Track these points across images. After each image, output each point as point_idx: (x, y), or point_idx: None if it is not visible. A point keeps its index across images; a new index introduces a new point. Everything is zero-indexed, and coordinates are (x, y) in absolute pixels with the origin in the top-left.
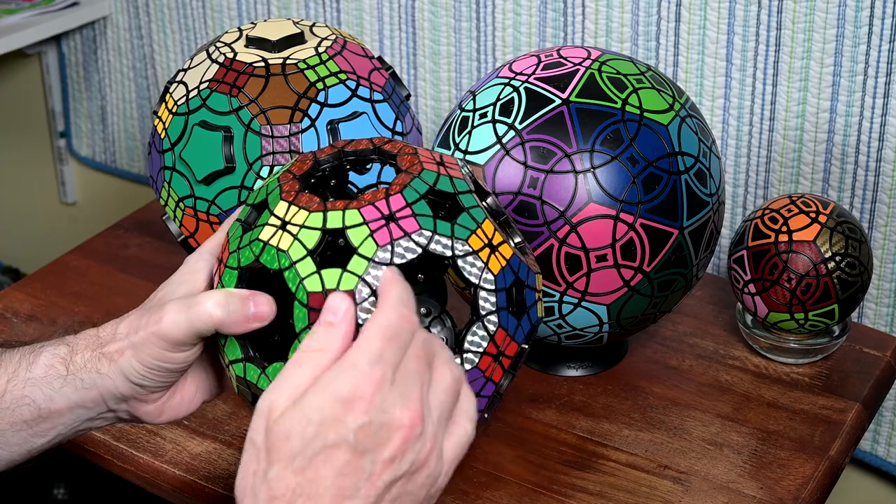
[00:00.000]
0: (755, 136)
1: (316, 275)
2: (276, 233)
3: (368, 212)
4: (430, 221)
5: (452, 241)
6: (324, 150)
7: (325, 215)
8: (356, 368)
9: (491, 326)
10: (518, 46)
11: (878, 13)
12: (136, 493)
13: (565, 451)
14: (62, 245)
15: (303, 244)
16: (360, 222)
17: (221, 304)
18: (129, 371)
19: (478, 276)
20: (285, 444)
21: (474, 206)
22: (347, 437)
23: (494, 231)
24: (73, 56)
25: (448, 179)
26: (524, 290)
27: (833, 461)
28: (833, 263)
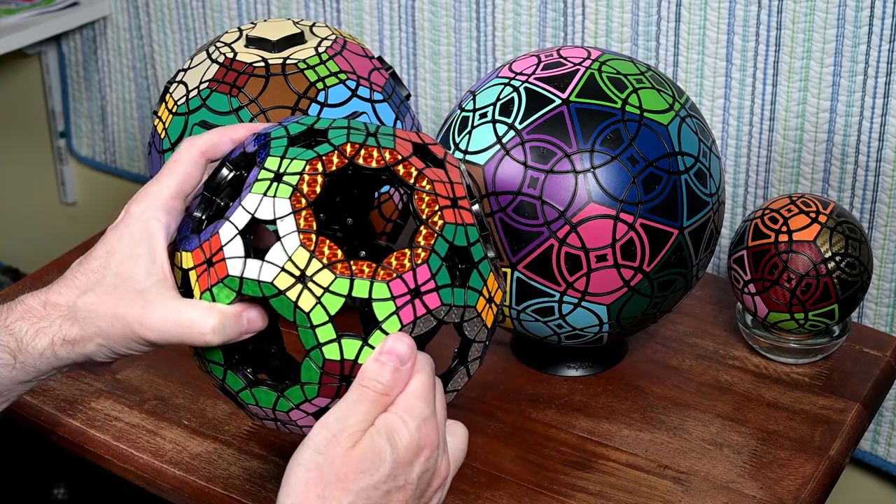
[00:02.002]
0: (755, 136)
1: (335, 343)
2: (294, 285)
3: (396, 286)
4: (449, 293)
5: (464, 310)
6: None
7: (353, 283)
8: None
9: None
10: (518, 46)
11: (878, 13)
12: (136, 493)
13: (565, 451)
14: (62, 245)
15: (326, 310)
16: (387, 297)
17: (219, 332)
18: (95, 354)
19: (474, 334)
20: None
21: (482, 258)
22: (412, 481)
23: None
24: (73, 56)
25: (463, 231)
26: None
27: (833, 461)
28: (833, 263)
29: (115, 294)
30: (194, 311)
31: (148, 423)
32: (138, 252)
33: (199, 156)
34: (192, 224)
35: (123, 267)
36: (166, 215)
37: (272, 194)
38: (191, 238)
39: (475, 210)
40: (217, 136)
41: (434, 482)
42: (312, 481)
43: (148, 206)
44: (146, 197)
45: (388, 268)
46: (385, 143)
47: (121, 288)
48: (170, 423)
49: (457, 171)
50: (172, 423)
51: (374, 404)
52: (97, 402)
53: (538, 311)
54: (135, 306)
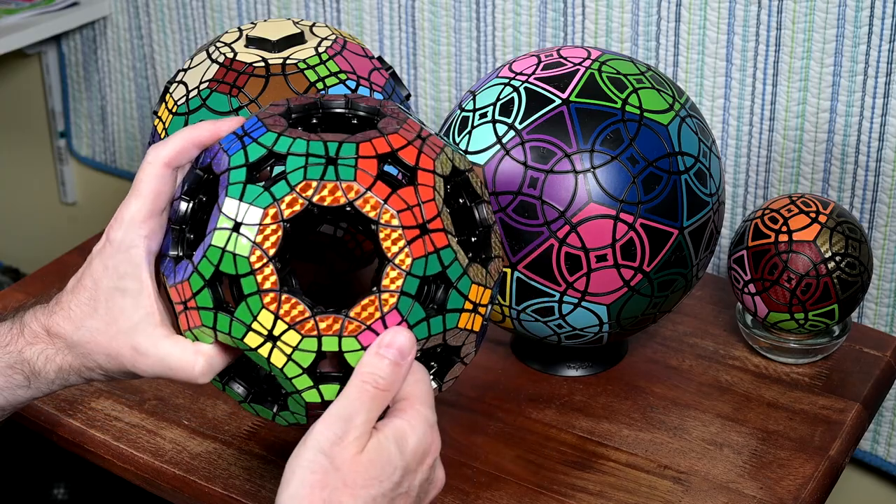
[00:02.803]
0: (755, 136)
1: (314, 389)
2: (264, 344)
3: (365, 338)
4: (425, 328)
5: (444, 335)
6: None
7: (320, 341)
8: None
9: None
10: (518, 46)
11: (878, 13)
12: (136, 493)
13: (565, 451)
14: (62, 245)
15: (298, 364)
16: (357, 348)
17: (207, 373)
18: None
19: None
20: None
21: (461, 274)
22: (415, 488)
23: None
24: (73, 56)
25: (435, 258)
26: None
27: (833, 461)
28: (833, 263)
29: (107, 332)
30: (182, 356)
31: (148, 423)
32: (125, 286)
33: (163, 169)
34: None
35: (112, 301)
36: (146, 239)
37: (232, 248)
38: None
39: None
40: (180, 142)
41: (431, 491)
42: (318, 485)
43: (126, 232)
44: (122, 223)
45: (356, 320)
46: (345, 173)
47: (112, 325)
48: (170, 423)
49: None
50: (172, 423)
51: (374, 401)
52: (97, 402)
53: (538, 311)
54: (126, 347)
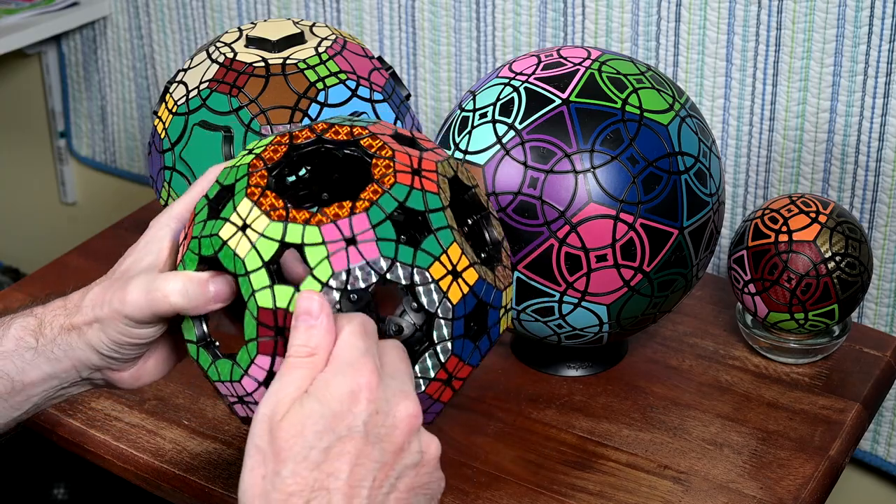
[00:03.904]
0: (755, 136)
1: (269, 290)
2: (235, 234)
3: (329, 231)
4: (392, 248)
5: (412, 270)
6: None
7: (286, 227)
8: (351, 363)
9: (443, 355)
10: (518, 46)
11: (878, 13)
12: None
13: (565, 451)
14: (62, 245)
15: (259, 255)
16: (318, 241)
17: (181, 293)
18: (97, 344)
19: (435, 306)
20: (297, 440)
21: (444, 226)
22: (358, 428)
23: (461, 255)
24: (73, 56)
25: (420, 195)
26: (487, 311)
27: (833, 461)
28: (833, 263)
29: (113, 285)
30: (161, 279)
31: (148, 423)
32: (147, 251)
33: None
34: None
35: (133, 265)
36: (177, 222)
37: (236, 163)
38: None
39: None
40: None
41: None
42: (257, 465)
43: (162, 216)
44: (165, 211)
45: (325, 214)
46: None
47: (120, 279)
48: (170, 423)
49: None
50: (172, 423)
51: (301, 369)
52: (97, 402)
53: (538, 311)
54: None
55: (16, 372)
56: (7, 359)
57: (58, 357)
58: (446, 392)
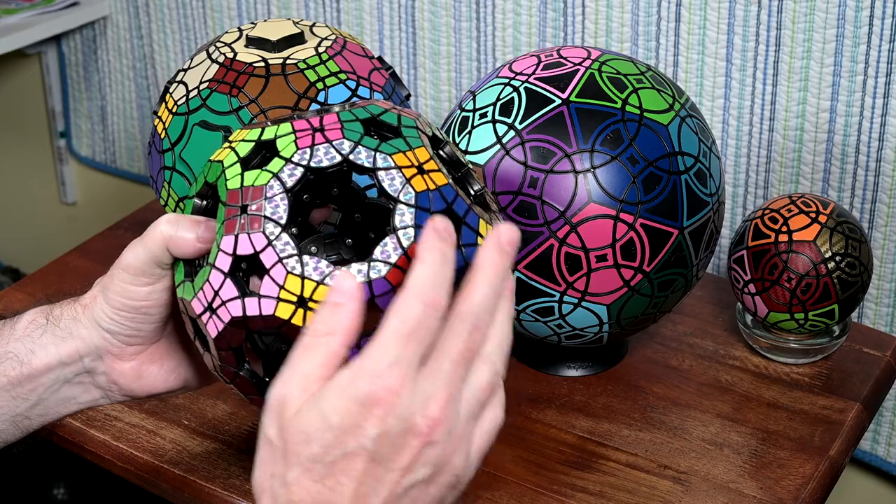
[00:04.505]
0: (755, 136)
1: (238, 176)
2: (220, 151)
3: (300, 124)
4: (357, 136)
5: (375, 154)
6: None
7: (263, 130)
8: (374, 371)
9: (405, 240)
10: (518, 46)
11: (878, 13)
12: (136, 493)
13: (565, 451)
14: (62, 245)
15: (236, 153)
16: (289, 132)
17: (171, 222)
18: (99, 316)
19: (397, 191)
20: (304, 447)
21: (415, 136)
22: (366, 446)
23: (430, 159)
24: (73, 56)
25: (396, 116)
26: (460, 226)
27: (833, 461)
28: (833, 263)
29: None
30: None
31: (148, 423)
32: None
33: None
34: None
35: None
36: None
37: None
38: None
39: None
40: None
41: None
42: (267, 460)
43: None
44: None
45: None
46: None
47: None
48: (170, 423)
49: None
50: (172, 423)
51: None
52: None
53: (538, 311)
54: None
55: (25, 353)
56: (18, 341)
57: (63, 335)
58: None
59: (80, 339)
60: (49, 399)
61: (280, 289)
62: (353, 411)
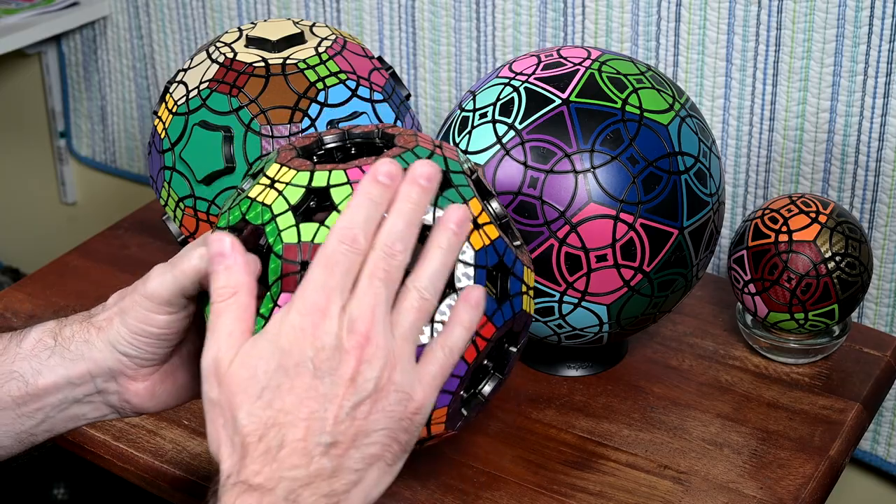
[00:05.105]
0: (755, 136)
1: (294, 228)
2: (263, 190)
3: (354, 173)
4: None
5: (434, 211)
6: (329, 132)
7: (312, 175)
8: (304, 298)
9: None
10: (518, 46)
11: (878, 13)
12: (136, 493)
13: (565, 451)
14: (62, 245)
15: (286, 199)
16: (343, 182)
17: (205, 255)
18: (115, 339)
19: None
20: (251, 383)
21: (465, 185)
22: (306, 364)
23: (482, 211)
24: (73, 56)
25: (442, 159)
26: (508, 277)
27: (833, 461)
28: (833, 263)
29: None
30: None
31: (148, 423)
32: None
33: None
34: None
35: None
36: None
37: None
38: None
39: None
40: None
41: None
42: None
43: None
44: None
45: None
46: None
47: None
48: (170, 423)
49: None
50: (172, 423)
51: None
52: None
53: (538, 311)
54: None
55: (31, 373)
56: (24, 360)
57: (73, 357)
58: (469, 349)
59: (91, 362)
60: (56, 417)
61: None
62: (290, 336)
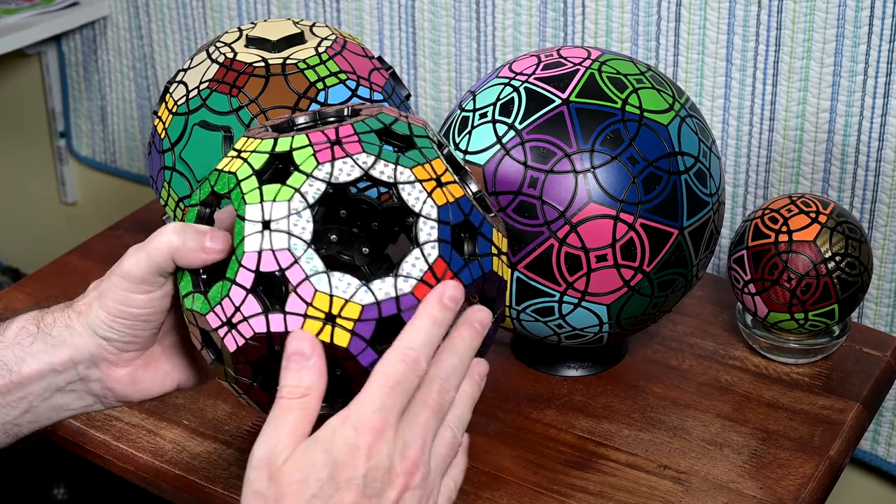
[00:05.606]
0: (755, 136)
1: (256, 190)
2: (230, 161)
3: (316, 136)
4: (376, 149)
5: (396, 168)
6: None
7: (276, 141)
8: (361, 416)
9: (430, 256)
10: (518, 46)
11: (878, 13)
12: (136, 493)
13: (565, 451)
14: (62, 245)
15: (250, 165)
16: (305, 144)
17: (178, 231)
18: (95, 323)
19: (419, 204)
20: (301, 487)
21: (429, 147)
22: (357, 481)
23: (446, 171)
24: (73, 56)
25: (406, 125)
26: (476, 237)
27: (833, 461)
28: (833, 263)
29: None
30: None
31: (148, 423)
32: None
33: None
34: None
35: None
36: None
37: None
38: None
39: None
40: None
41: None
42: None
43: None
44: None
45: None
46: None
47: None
48: (170, 423)
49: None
50: (172, 423)
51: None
52: None
53: (538, 311)
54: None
55: (14, 361)
56: (7, 348)
57: (56, 343)
58: None
59: (73, 347)
60: (40, 407)
61: (308, 306)
62: (344, 451)
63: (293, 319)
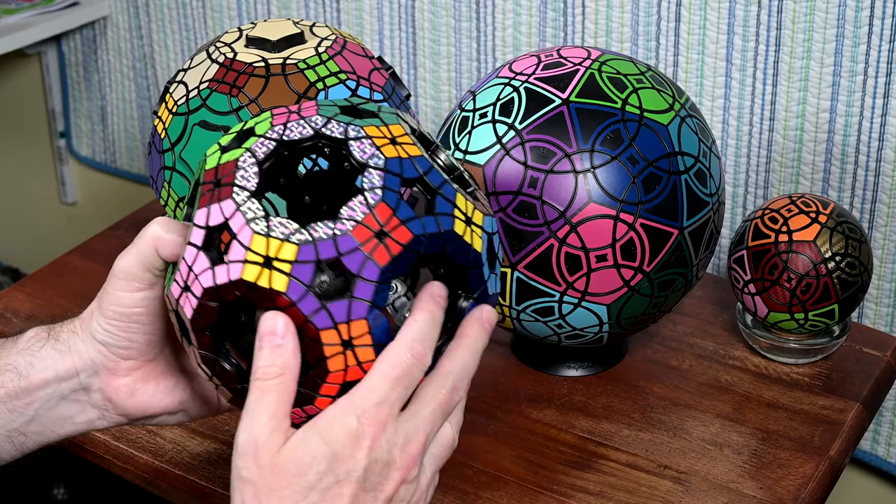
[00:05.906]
0: (755, 136)
1: (217, 153)
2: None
3: (279, 111)
4: (332, 111)
5: (347, 127)
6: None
7: (246, 123)
8: (363, 407)
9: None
10: (518, 46)
11: (878, 13)
12: (136, 493)
13: (565, 451)
14: (62, 245)
15: (219, 144)
16: (267, 117)
17: (162, 224)
18: (94, 328)
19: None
20: (298, 478)
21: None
22: (356, 473)
23: (405, 134)
24: (73, 56)
25: (377, 107)
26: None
27: (833, 461)
28: (833, 263)
29: None
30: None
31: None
32: None
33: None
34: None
35: None
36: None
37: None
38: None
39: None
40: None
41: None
42: (248, 498)
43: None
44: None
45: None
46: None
47: None
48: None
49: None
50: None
51: (272, 392)
52: None
53: (538, 311)
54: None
55: (24, 366)
56: (18, 354)
57: (63, 350)
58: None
59: (77, 354)
60: (45, 416)
61: (246, 251)
62: (344, 442)
63: (235, 267)
